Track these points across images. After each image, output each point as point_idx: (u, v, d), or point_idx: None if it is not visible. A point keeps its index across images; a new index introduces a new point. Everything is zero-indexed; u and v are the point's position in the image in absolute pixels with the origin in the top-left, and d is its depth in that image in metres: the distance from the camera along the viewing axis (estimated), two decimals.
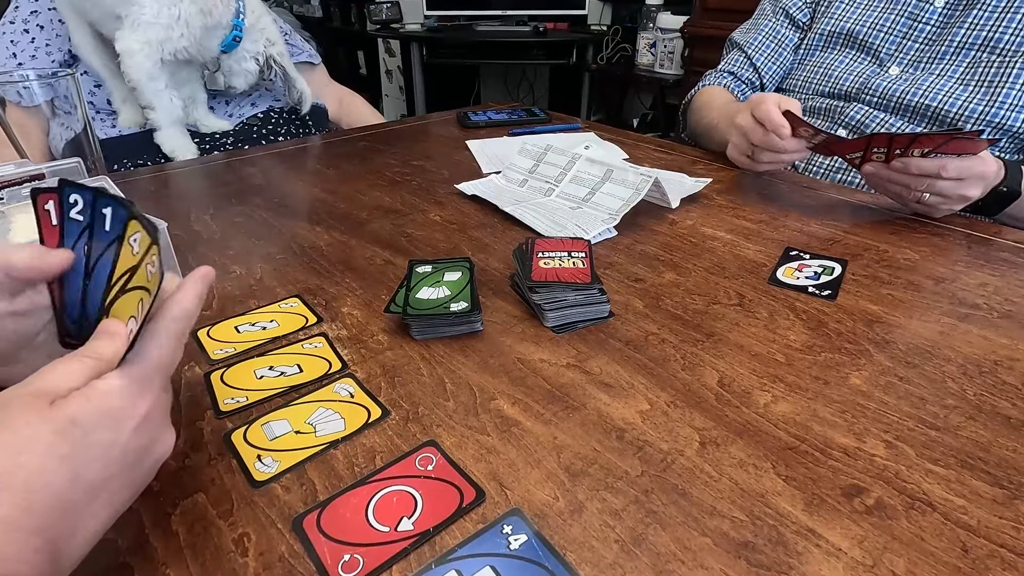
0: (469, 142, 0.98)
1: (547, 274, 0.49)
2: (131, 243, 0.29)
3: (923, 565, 0.29)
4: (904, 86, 0.83)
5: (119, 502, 0.27)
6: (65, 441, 0.24)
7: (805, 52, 0.98)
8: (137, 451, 0.27)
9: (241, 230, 0.67)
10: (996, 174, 0.64)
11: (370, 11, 3.09)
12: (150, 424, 0.28)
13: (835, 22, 0.94)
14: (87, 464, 0.25)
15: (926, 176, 0.62)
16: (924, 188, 0.64)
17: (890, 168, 0.65)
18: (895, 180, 0.65)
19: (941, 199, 0.64)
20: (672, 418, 0.39)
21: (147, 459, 0.28)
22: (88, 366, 0.26)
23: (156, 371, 0.29)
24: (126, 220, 0.29)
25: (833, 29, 0.94)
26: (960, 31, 0.80)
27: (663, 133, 2.66)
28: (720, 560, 0.30)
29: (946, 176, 0.61)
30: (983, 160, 0.62)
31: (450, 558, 0.30)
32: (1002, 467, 0.35)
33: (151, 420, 0.28)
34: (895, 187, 0.66)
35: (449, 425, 0.38)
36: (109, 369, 0.27)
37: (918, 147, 0.61)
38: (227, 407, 0.40)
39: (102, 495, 0.26)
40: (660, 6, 2.55)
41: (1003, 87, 0.76)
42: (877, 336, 0.47)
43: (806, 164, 0.91)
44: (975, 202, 0.67)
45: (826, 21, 0.95)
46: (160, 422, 0.29)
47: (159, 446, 0.29)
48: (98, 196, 0.30)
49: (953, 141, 0.59)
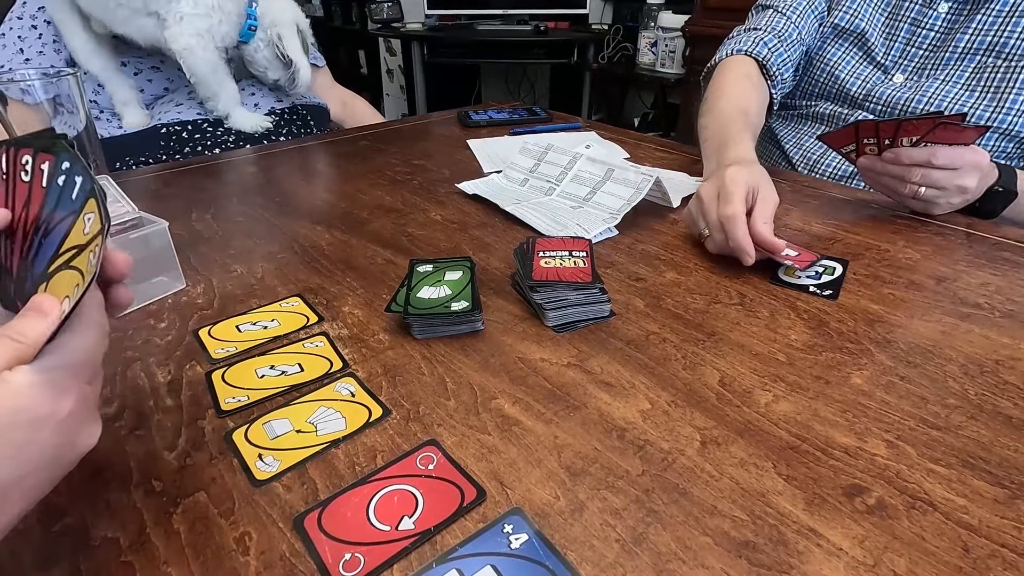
0: (470, 141, 0.98)
1: (548, 273, 0.49)
2: (85, 220, 0.28)
3: (924, 565, 0.29)
4: (909, 93, 0.82)
5: (33, 496, 0.26)
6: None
7: (819, 45, 0.95)
8: (57, 448, 0.26)
9: (242, 229, 0.67)
10: (990, 167, 0.64)
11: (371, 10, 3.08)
12: (72, 421, 0.26)
13: (847, 17, 0.90)
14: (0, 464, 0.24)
15: (918, 166, 0.62)
16: (918, 179, 0.63)
17: (883, 160, 0.65)
18: (889, 172, 0.65)
19: (938, 192, 0.64)
20: (673, 417, 0.39)
21: (68, 454, 0.27)
22: (7, 348, 0.25)
23: (81, 366, 0.27)
24: (87, 196, 0.29)
25: (845, 25, 0.91)
26: (965, 36, 0.79)
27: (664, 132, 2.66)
28: (721, 559, 0.30)
29: (937, 164, 0.61)
30: (975, 150, 0.62)
31: (451, 557, 0.30)
32: (1003, 467, 0.35)
33: (74, 417, 0.26)
34: (890, 180, 0.66)
35: (450, 424, 0.38)
36: (31, 354, 0.25)
37: (906, 135, 0.62)
38: (228, 406, 0.40)
39: (13, 493, 0.24)
40: (661, 5, 2.54)
41: (1010, 92, 0.76)
42: (878, 335, 0.47)
43: (809, 167, 0.91)
44: (973, 204, 0.67)
45: (839, 15, 0.92)
46: (84, 417, 0.27)
47: (83, 440, 0.27)
48: (75, 162, 0.29)
49: (940, 129, 0.59)
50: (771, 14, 0.94)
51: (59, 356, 0.26)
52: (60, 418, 0.25)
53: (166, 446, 0.37)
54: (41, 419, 0.25)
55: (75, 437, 0.27)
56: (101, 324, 0.29)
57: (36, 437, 0.25)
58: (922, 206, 0.67)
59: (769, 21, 0.92)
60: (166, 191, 0.80)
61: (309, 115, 1.16)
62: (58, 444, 0.26)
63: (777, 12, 0.93)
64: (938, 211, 0.67)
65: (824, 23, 0.93)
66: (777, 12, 0.93)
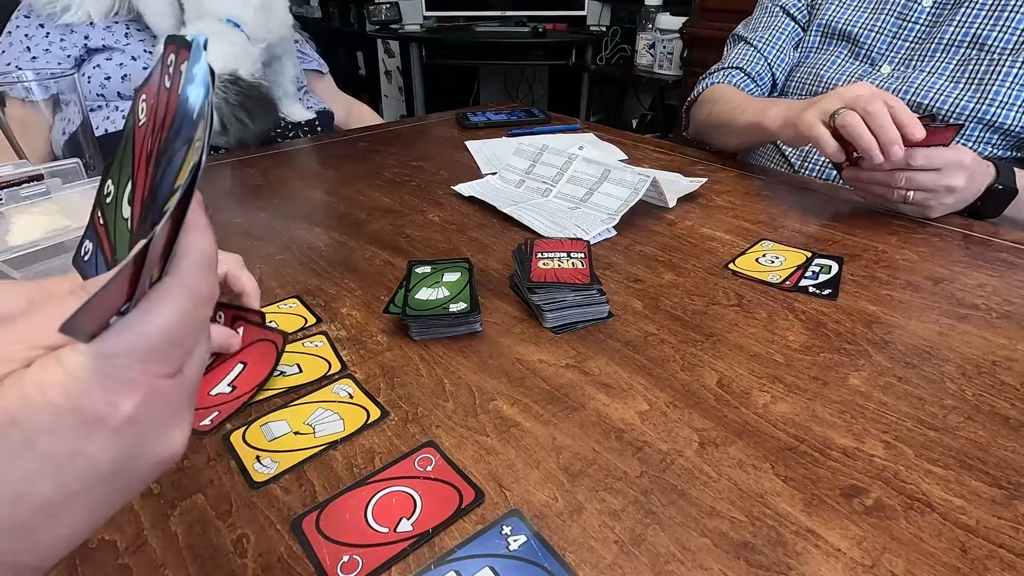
0: (468, 143, 0.99)
1: (546, 275, 0.49)
2: (194, 149, 0.19)
3: (922, 565, 0.29)
4: (896, 84, 0.84)
5: (99, 514, 0.21)
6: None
7: (803, 54, 0.98)
8: (115, 463, 0.20)
9: (240, 230, 0.67)
10: (978, 163, 0.64)
11: (369, 12, 3.09)
12: (138, 425, 0.20)
13: (829, 21, 0.94)
14: (32, 481, 0.18)
15: (900, 170, 0.63)
16: (903, 184, 0.64)
17: (865, 169, 0.66)
18: (875, 180, 0.66)
19: (927, 194, 0.64)
20: (671, 419, 0.39)
21: (136, 467, 0.21)
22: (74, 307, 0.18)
23: (155, 351, 0.19)
24: (200, 117, 0.19)
25: (827, 29, 0.94)
26: (949, 28, 0.80)
27: (662, 134, 2.66)
28: (719, 561, 0.30)
29: (916, 165, 0.62)
30: (957, 148, 0.62)
31: (449, 559, 0.30)
32: (1001, 467, 0.35)
33: (141, 420, 0.20)
34: (878, 188, 0.67)
35: (448, 426, 0.38)
36: None
37: None
38: None
39: (66, 511, 0.19)
40: (659, 7, 2.55)
41: (993, 84, 0.76)
42: (876, 336, 0.48)
43: (803, 163, 0.91)
44: (975, 203, 0.67)
45: (820, 21, 0.95)
46: (157, 419, 0.21)
47: (157, 448, 0.21)
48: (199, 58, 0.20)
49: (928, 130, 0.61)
50: (742, 47, 1.02)
51: (123, 338, 0.19)
52: (116, 424, 0.19)
53: None
54: (90, 424, 0.19)
55: (142, 447, 0.20)
56: (195, 291, 0.20)
57: (84, 448, 0.19)
58: (917, 210, 0.68)
59: (747, 60, 1.00)
60: None
61: (317, 120, 1.16)
62: (116, 458, 0.20)
63: (748, 44, 1.00)
64: (934, 214, 0.67)
65: (808, 29, 0.98)
66: (748, 44, 1.00)
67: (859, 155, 0.66)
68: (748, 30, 1.03)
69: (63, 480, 0.19)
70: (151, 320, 0.19)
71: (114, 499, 0.21)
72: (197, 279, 0.20)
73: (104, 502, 0.20)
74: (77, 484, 0.19)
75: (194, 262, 0.20)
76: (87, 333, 0.18)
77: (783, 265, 0.58)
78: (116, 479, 0.20)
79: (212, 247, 0.21)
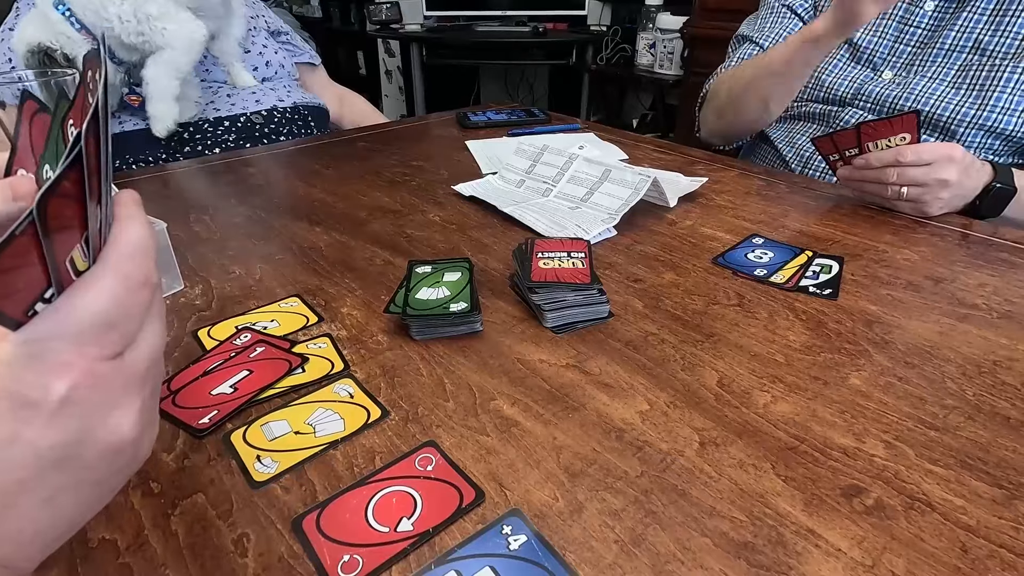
0: (469, 142, 0.98)
1: (547, 274, 0.49)
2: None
3: (922, 565, 0.29)
4: (897, 90, 0.83)
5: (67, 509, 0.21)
6: None
7: None
8: (59, 447, 0.20)
9: (240, 230, 0.67)
10: (968, 158, 0.64)
11: (370, 11, 3.09)
12: (76, 407, 0.20)
13: None
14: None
15: (890, 166, 0.65)
16: (895, 179, 0.65)
17: (856, 167, 0.67)
18: (868, 178, 0.67)
19: (921, 189, 0.65)
20: (672, 418, 0.39)
21: (84, 453, 0.20)
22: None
23: (87, 332, 0.20)
24: None
25: None
26: (950, 33, 0.80)
27: (663, 134, 2.66)
28: (720, 560, 0.30)
29: (905, 161, 0.63)
30: (947, 144, 0.63)
31: (450, 558, 0.30)
32: (1001, 467, 0.35)
33: (78, 402, 0.20)
34: (872, 186, 0.68)
35: (448, 425, 0.38)
36: None
37: (868, 139, 0.65)
38: None
39: (20, 500, 0.19)
40: (660, 6, 2.55)
41: (994, 90, 0.76)
42: (876, 336, 0.48)
43: (804, 168, 0.91)
44: (974, 202, 0.67)
45: None
46: (101, 402, 0.20)
47: (103, 434, 0.21)
48: None
49: (865, 131, 0.64)
50: (748, 46, 1.01)
51: (51, 321, 0.19)
52: (51, 407, 0.19)
53: (164, 447, 0.37)
54: (24, 407, 0.19)
55: (85, 431, 0.20)
56: (128, 277, 0.21)
57: (22, 433, 0.19)
58: (914, 207, 0.68)
59: (748, 55, 0.99)
60: (165, 191, 0.80)
61: (310, 116, 1.16)
62: (57, 443, 0.20)
63: (753, 44, 1.00)
64: (932, 210, 0.67)
65: None
66: (753, 44, 1.00)
67: (852, 153, 0.67)
68: (754, 30, 1.02)
69: (6, 467, 0.19)
70: (79, 304, 0.20)
71: (79, 492, 0.21)
72: (130, 266, 0.21)
73: (65, 495, 0.20)
74: (22, 471, 0.19)
75: (125, 250, 0.21)
76: (14, 321, 0.19)
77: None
78: (66, 466, 0.20)
79: (145, 237, 0.22)
